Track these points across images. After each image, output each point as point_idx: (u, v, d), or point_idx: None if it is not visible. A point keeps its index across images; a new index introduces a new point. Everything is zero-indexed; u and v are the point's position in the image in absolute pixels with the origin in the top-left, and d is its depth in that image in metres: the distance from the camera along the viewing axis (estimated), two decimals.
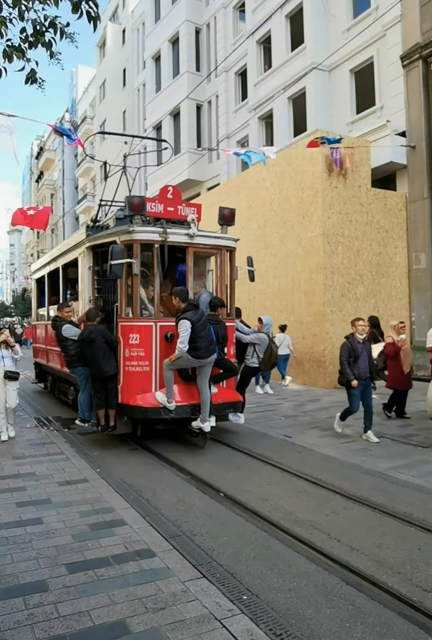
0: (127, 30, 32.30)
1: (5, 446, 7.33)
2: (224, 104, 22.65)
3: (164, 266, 7.79)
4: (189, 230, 7.70)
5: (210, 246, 8.34)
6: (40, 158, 55.09)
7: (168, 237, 7.52)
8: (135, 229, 7.36)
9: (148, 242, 7.51)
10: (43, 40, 3.13)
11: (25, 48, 3.11)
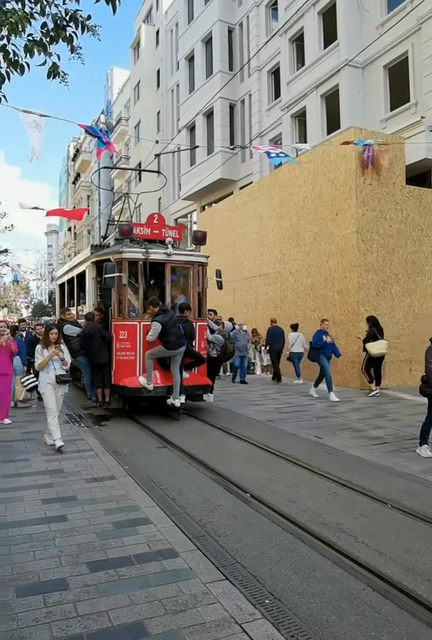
0: (161, 31, 32.52)
1: (35, 442, 7.43)
2: (256, 102, 22.51)
3: (146, 278, 10.12)
4: (167, 250, 9.84)
5: (184, 262, 10.38)
6: (77, 160, 56.09)
7: (149, 255, 9.74)
8: (124, 249, 9.68)
9: (134, 259, 9.71)
10: (64, 34, 3.12)
11: (47, 43, 3.10)
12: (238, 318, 16.93)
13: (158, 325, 8.93)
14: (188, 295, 10.44)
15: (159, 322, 8.96)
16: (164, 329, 8.94)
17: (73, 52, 3.24)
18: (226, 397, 11.97)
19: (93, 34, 3.20)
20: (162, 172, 32.44)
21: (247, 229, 18.14)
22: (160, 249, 9.92)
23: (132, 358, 9.45)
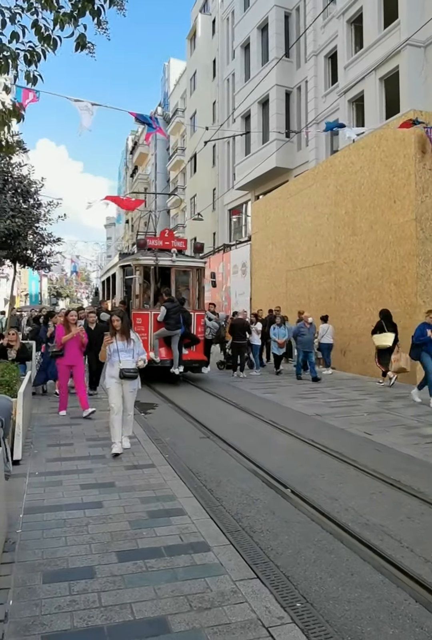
0: (217, 20, 32.30)
1: (81, 428, 7.54)
2: (313, 88, 21.89)
3: (156, 279, 13.18)
4: (172, 257, 12.94)
5: (185, 266, 13.44)
6: (135, 153, 57.03)
7: (158, 262, 12.79)
8: (139, 257, 12.92)
9: (147, 265, 12.83)
10: (91, 7, 3.02)
11: (75, 15, 3.01)
12: (291, 310, 16.60)
13: (164, 309, 11.81)
14: (188, 292, 13.37)
15: (165, 307, 11.85)
16: (167, 314, 11.74)
17: (100, 27, 3.14)
18: (276, 389, 11.74)
19: (120, 8, 3.10)
20: (217, 161, 32.58)
21: (301, 218, 17.69)
22: (168, 256, 12.96)
23: (145, 338, 11.80)
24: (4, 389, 6.82)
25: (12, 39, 3.07)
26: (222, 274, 26.29)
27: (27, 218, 8.46)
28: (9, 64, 3.24)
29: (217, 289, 27.08)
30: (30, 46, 3.22)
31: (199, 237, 34.51)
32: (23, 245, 9.10)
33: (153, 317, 12.29)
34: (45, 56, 3.28)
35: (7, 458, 4.19)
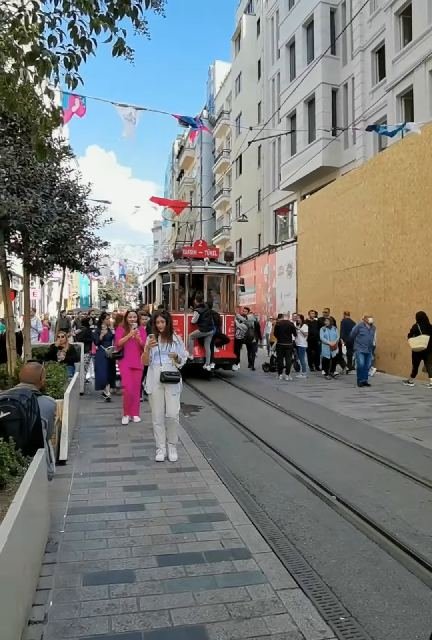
0: (262, 20, 32.13)
1: (126, 429, 7.62)
2: (360, 85, 21.36)
3: (190, 285, 14.77)
4: (204, 265, 14.44)
5: (217, 273, 14.86)
6: (181, 157, 57.54)
7: (192, 269, 14.29)
8: (175, 266, 14.40)
9: (182, 272, 14.29)
10: (128, 8, 3.01)
11: (112, 17, 3.02)
12: (339, 311, 16.23)
13: (197, 314, 13.28)
14: (220, 296, 14.90)
15: (198, 312, 13.31)
16: (200, 318, 13.17)
17: (138, 27, 3.13)
18: (322, 393, 11.49)
19: (157, 8, 3.08)
20: (263, 162, 32.40)
21: (348, 217, 17.29)
22: (201, 264, 14.42)
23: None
24: (51, 389, 6.98)
25: (50, 42, 3.11)
26: (267, 275, 26.09)
27: (74, 222, 8.59)
28: (50, 67, 3.28)
29: (262, 290, 26.92)
30: (70, 49, 3.24)
31: (244, 239, 34.42)
32: (71, 250, 9.24)
33: (187, 319, 13.71)
34: (85, 58, 3.30)
35: (50, 459, 4.25)
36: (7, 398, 3.98)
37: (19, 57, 3.47)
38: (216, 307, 14.32)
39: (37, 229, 7.31)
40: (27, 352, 9.22)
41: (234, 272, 15.13)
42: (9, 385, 7.17)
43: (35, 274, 9.88)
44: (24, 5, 3.27)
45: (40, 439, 4.02)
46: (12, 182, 6.89)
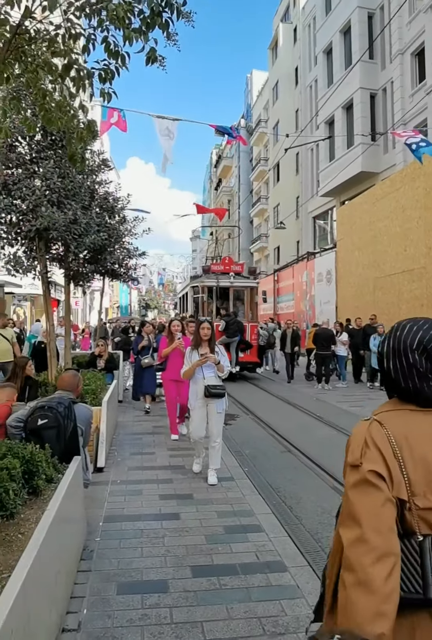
0: (298, 27, 32.05)
1: (163, 437, 7.63)
2: (399, 88, 20.94)
3: (218, 297, 16.33)
4: (230, 279, 16.19)
5: (241, 286, 16.54)
6: (219, 166, 57.93)
7: (219, 283, 15.99)
8: (204, 279, 16.32)
9: (210, 286, 16.13)
10: (160, 21, 3.04)
11: (144, 30, 3.05)
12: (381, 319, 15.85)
13: (224, 322, 14.53)
14: (244, 308, 16.70)
15: (224, 321, 14.65)
16: (226, 325, 14.39)
17: (169, 39, 3.15)
18: (363, 402, 11.23)
19: (188, 20, 3.09)
20: (301, 168, 32.22)
21: (389, 222, 16.94)
22: (227, 278, 16.18)
23: None
24: (90, 397, 7.08)
25: (83, 52, 3.16)
26: (306, 283, 25.82)
27: (113, 233, 8.74)
28: (85, 81, 3.34)
29: (300, 298, 26.65)
30: (105, 64, 3.29)
31: (282, 246, 34.22)
32: (110, 259, 9.40)
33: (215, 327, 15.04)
34: (118, 73, 3.34)
35: (86, 467, 4.29)
36: (45, 405, 4.05)
37: (55, 73, 3.55)
38: (240, 317, 15.88)
39: (77, 239, 7.46)
40: (67, 360, 9.41)
41: (256, 285, 17.06)
42: (49, 393, 7.31)
43: (76, 284, 10.09)
44: (61, 24, 3.35)
45: (77, 447, 4.07)
46: (53, 194, 7.06)
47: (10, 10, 3.05)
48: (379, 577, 1.22)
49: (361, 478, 1.33)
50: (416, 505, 1.31)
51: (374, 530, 1.26)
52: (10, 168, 7.12)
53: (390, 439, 1.35)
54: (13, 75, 3.39)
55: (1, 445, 3.39)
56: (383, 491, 1.30)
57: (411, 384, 1.41)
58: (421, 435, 1.36)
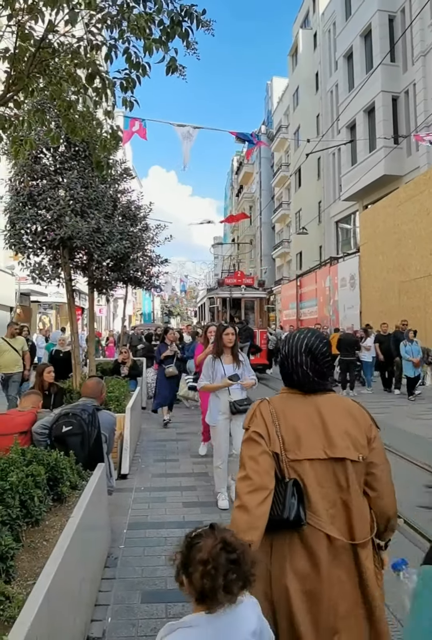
0: (318, 33, 31.98)
1: (187, 444, 7.63)
2: (422, 91, 20.68)
3: (231, 307, 17.89)
4: (242, 291, 17.83)
5: (252, 297, 18.16)
6: (240, 173, 58.05)
7: (232, 295, 17.53)
8: (218, 291, 17.86)
9: (224, 297, 17.65)
10: (180, 30, 3.06)
11: (164, 40, 3.07)
12: None
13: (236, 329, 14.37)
14: (254, 316, 18.15)
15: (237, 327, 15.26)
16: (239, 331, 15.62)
17: (189, 48, 3.17)
18: (388, 409, 11.05)
19: (208, 28, 3.10)
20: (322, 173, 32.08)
21: (414, 225, 16.70)
22: (239, 290, 17.87)
23: None
24: (114, 403, 7.13)
25: (106, 61, 3.20)
26: (329, 288, 25.60)
27: (135, 241, 8.82)
28: (107, 93, 3.38)
29: (324, 303, 26.43)
30: (126, 74, 3.32)
31: (305, 251, 34.04)
32: (132, 267, 9.48)
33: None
34: (139, 81, 3.38)
35: (110, 473, 4.30)
36: (69, 412, 4.08)
37: (78, 84, 3.61)
38: (250, 324, 17.25)
39: (100, 248, 7.55)
40: (92, 367, 9.50)
41: (265, 296, 19.33)
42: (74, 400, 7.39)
43: (100, 292, 10.20)
44: (83, 36, 3.40)
45: (101, 454, 4.09)
46: (76, 204, 7.16)
47: (35, 24, 3.11)
48: (253, 503, 1.77)
49: (248, 436, 1.90)
50: (287, 457, 1.85)
51: (253, 471, 1.81)
52: (35, 179, 7.26)
53: (272, 412, 1.91)
54: (37, 89, 3.45)
55: (27, 452, 3.43)
56: (262, 445, 1.85)
57: (297, 377, 1.95)
58: (295, 411, 1.92)
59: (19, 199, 7.09)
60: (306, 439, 1.85)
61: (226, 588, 1.40)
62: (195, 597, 1.47)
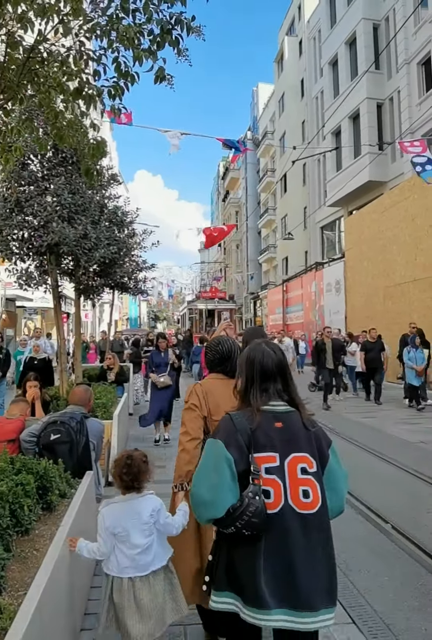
0: (304, 40, 32.30)
1: (173, 450, 7.58)
2: (406, 98, 20.99)
3: (207, 316, 23.62)
4: (216, 303, 23.73)
5: (223, 309, 23.21)
6: (226, 178, 58.21)
7: (207, 307, 23.54)
8: (196, 304, 24.54)
9: (200, 309, 23.94)
10: (170, 38, 3.08)
11: (154, 49, 3.09)
12: (391, 328, 15.78)
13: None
14: None
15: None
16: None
17: (180, 55, 3.19)
18: (375, 414, 11.15)
19: (198, 34, 3.13)
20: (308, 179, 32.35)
21: (398, 231, 16.90)
22: (213, 303, 22.26)
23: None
24: (101, 410, 7.10)
25: (95, 76, 3.21)
26: (314, 293, 25.79)
27: (123, 247, 8.80)
28: (95, 100, 3.39)
29: (310, 308, 26.61)
30: (114, 81, 3.33)
31: (291, 257, 34.25)
32: (119, 273, 9.46)
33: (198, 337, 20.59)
34: (128, 89, 3.39)
35: (98, 481, 4.29)
36: (57, 420, 4.06)
37: (67, 93, 3.61)
38: None
39: (87, 254, 7.53)
40: (78, 374, 9.45)
41: (234, 307, 24.51)
42: (60, 407, 7.34)
43: (86, 297, 10.15)
44: (71, 46, 3.41)
45: (89, 461, 4.07)
46: (63, 210, 7.14)
47: (24, 33, 3.11)
48: (191, 447, 2.69)
49: (187, 407, 2.83)
50: (212, 419, 2.75)
51: (191, 428, 2.74)
52: (22, 185, 7.22)
53: (203, 390, 2.85)
54: (26, 97, 3.45)
55: (16, 460, 3.41)
56: (196, 411, 2.78)
57: (230, 366, 2.93)
58: (218, 389, 2.85)
59: (6, 206, 7.05)
60: (224, 407, 2.44)
61: (123, 481, 2.60)
62: (118, 486, 2.66)
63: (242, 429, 2.05)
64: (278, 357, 2.23)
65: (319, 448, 2.12)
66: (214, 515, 1.99)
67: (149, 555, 2.54)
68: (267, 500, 1.97)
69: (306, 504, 1.99)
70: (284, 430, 2.09)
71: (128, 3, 3.07)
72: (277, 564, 1.94)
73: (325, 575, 1.99)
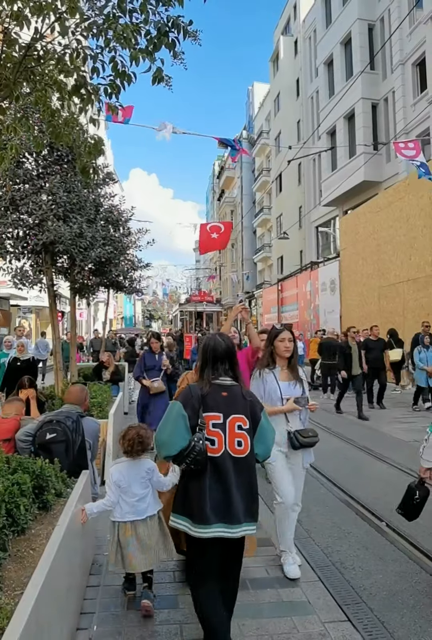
0: (299, 40, 32.33)
1: None
2: (401, 98, 21.05)
3: (196, 318, 25.11)
4: (204, 306, 25.31)
5: (210, 311, 25.40)
6: (221, 177, 58.20)
7: (196, 309, 25.01)
8: (187, 306, 26.11)
9: (190, 311, 25.20)
10: (166, 41, 3.08)
11: (151, 50, 3.09)
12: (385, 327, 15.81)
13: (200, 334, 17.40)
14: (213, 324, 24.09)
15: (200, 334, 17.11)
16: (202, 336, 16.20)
17: (176, 58, 3.19)
18: (370, 413, 11.17)
19: (194, 38, 3.13)
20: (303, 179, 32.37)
21: (393, 231, 16.96)
22: (201, 306, 24.55)
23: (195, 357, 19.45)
24: (96, 409, 7.09)
25: (93, 74, 3.21)
26: (310, 292, 25.83)
27: (118, 246, 8.79)
28: (92, 99, 3.38)
29: (305, 308, 26.65)
30: (111, 79, 3.33)
31: (286, 256, 34.29)
32: (115, 272, 9.44)
33: (194, 337, 20.26)
34: (124, 87, 3.39)
35: (94, 480, 4.28)
36: (53, 420, 4.05)
37: (63, 90, 3.60)
38: (211, 331, 19.65)
39: (83, 253, 7.51)
40: (74, 373, 9.43)
41: (221, 309, 26.49)
42: (56, 406, 7.32)
43: (82, 296, 10.13)
44: (68, 44, 3.40)
45: (85, 461, 4.07)
46: (59, 208, 7.12)
47: (20, 31, 3.10)
48: None
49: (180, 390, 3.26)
50: None
51: None
52: (17, 184, 7.19)
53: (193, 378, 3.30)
54: (22, 95, 3.43)
55: (11, 460, 3.40)
56: None
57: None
58: None
59: (1, 204, 7.01)
60: None
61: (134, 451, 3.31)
62: (127, 455, 3.36)
63: (195, 395, 2.77)
64: (226, 344, 2.92)
65: (252, 412, 2.82)
66: (170, 453, 2.70)
67: (145, 503, 3.27)
68: (213, 447, 2.69)
69: (239, 450, 2.72)
70: (228, 398, 2.79)
71: (125, 2, 3.07)
72: (218, 491, 2.66)
73: (249, 499, 2.73)
